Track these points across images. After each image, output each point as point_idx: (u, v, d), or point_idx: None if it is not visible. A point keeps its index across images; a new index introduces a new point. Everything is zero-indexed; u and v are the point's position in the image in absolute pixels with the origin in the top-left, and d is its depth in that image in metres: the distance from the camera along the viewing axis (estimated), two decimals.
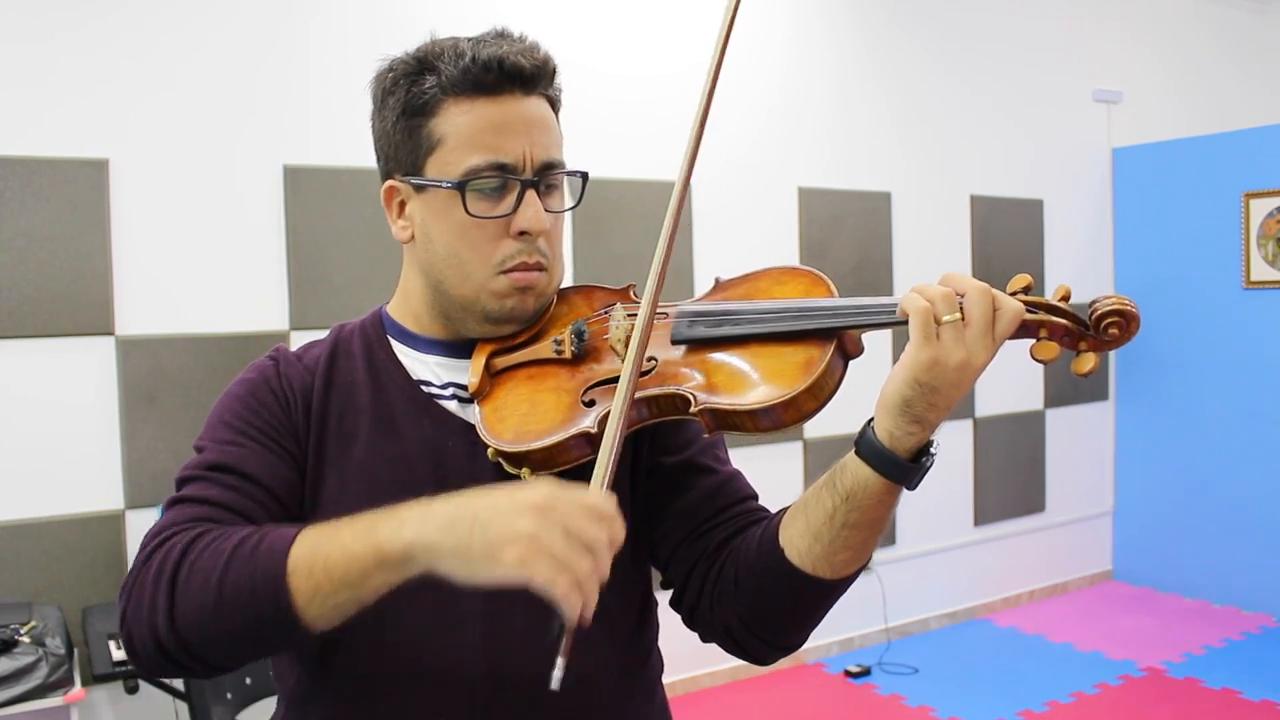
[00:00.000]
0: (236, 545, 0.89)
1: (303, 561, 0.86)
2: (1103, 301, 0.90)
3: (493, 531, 0.80)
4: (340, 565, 0.85)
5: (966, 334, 0.86)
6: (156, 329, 3.03)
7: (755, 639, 1.04)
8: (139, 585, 0.92)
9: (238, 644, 0.90)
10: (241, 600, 0.87)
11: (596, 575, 0.80)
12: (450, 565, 0.82)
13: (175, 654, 0.91)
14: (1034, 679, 4.06)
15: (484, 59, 1.01)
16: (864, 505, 0.92)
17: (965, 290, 0.88)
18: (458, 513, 0.83)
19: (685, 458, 1.11)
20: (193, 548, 0.91)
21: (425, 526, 0.83)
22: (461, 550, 0.81)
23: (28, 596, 2.78)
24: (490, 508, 0.82)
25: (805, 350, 0.96)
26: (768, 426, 0.95)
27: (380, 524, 0.86)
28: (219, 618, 0.88)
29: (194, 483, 1.01)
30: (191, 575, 0.89)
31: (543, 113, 1.05)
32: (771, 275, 1.07)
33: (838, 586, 0.99)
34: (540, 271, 1.06)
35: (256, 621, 0.88)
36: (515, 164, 1.02)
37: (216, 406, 1.08)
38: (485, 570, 0.81)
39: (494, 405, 1.05)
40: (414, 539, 0.83)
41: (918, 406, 0.88)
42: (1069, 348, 0.92)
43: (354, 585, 0.86)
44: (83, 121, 2.92)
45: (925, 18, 4.64)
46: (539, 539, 0.79)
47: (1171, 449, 5.13)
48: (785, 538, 0.98)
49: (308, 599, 0.86)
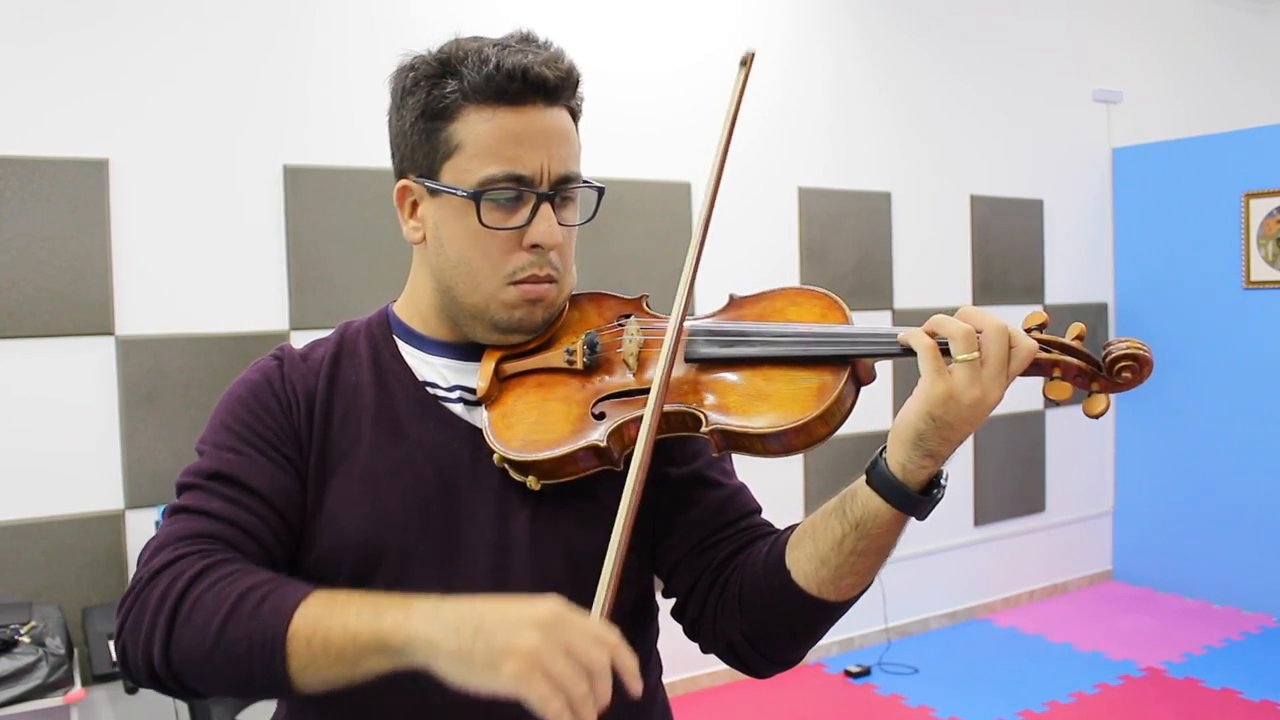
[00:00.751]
0: (241, 596, 0.90)
1: (303, 630, 0.87)
2: (1117, 345, 0.90)
3: (496, 642, 0.80)
4: (339, 642, 0.86)
5: (983, 372, 0.87)
6: (156, 329, 3.02)
7: (756, 654, 1.05)
8: (140, 606, 0.93)
9: (228, 688, 0.92)
10: (238, 654, 0.88)
11: (594, 700, 0.80)
12: (448, 667, 0.83)
13: (166, 682, 0.93)
14: (1034, 679, 4.06)
15: (508, 67, 1.00)
16: (873, 534, 0.93)
17: (983, 328, 0.88)
18: (464, 617, 0.83)
19: (693, 470, 1.11)
20: (197, 583, 0.91)
21: (430, 625, 0.84)
22: (462, 655, 0.82)
23: (28, 596, 2.78)
24: (497, 617, 0.82)
25: (819, 376, 0.96)
26: (777, 450, 0.96)
27: (386, 611, 0.86)
28: (213, 664, 0.89)
29: (194, 491, 1.01)
30: (193, 615, 0.90)
31: (563, 125, 1.04)
32: (787, 296, 1.06)
33: (841, 608, 1.00)
34: (550, 284, 1.05)
35: (249, 676, 0.88)
36: (532, 176, 1.02)
37: (219, 407, 1.08)
38: (482, 679, 0.81)
39: (502, 411, 1.05)
40: (417, 634, 0.84)
41: (931, 441, 0.88)
42: (1081, 388, 0.92)
43: (350, 664, 0.86)
44: (83, 121, 2.92)
45: (925, 18, 4.64)
46: (539, 656, 0.79)
47: (1171, 449, 5.13)
48: (792, 559, 0.99)
49: (302, 667, 0.87)
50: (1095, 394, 0.91)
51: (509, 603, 0.83)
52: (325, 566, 1.04)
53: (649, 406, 0.96)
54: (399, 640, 0.84)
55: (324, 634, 0.86)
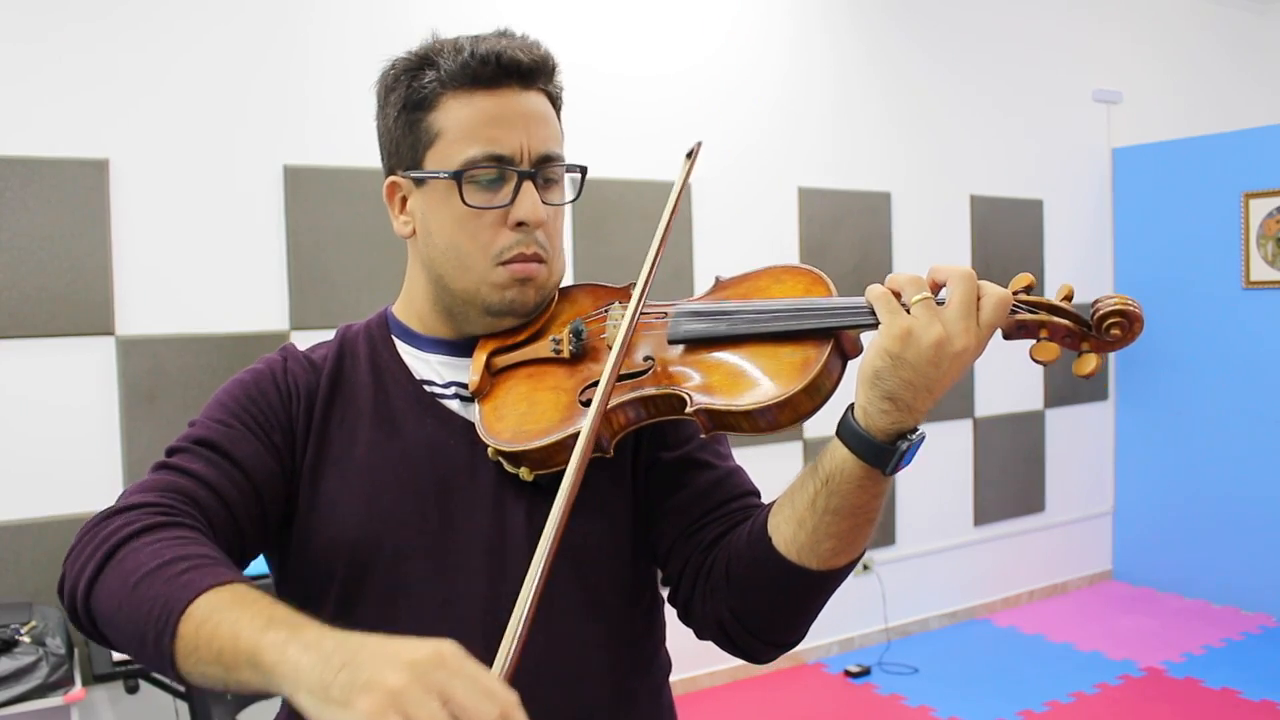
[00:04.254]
0: (169, 561, 0.87)
1: (199, 614, 0.83)
2: (1105, 301, 0.89)
3: (360, 676, 0.71)
4: (221, 641, 0.81)
5: (945, 312, 0.86)
6: (156, 329, 3.03)
7: (746, 633, 1.03)
8: (88, 539, 0.93)
9: (128, 647, 0.89)
10: (139, 614, 0.85)
11: None
12: (305, 701, 0.74)
13: (84, 623, 0.92)
14: (1034, 679, 4.06)
15: (482, 53, 1.02)
16: (843, 490, 0.91)
17: (947, 275, 0.88)
18: (342, 649, 0.75)
19: (684, 453, 1.11)
20: (143, 535, 0.90)
21: (305, 652, 0.76)
22: (321, 688, 0.73)
23: (28, 596, 2.78)
24: (375, 653, 0.73)
25: (802, 350, 0.95)
26: (764, 427, 0.95)
27: (277, 625, 0.79)
28: (120, 617, 0.88)
29: (180, 454, 1.02)
30: (124, 562, 0.89)
31: (541, 107, 1.06)
32: (771, 274, 1.06)
33: (825, 579, 0.98)
34: (539, 263, 1.06)
35: (139, 641, 0.86)
36: (512, 156, 1.03)
37: (219, 390, 1.09)
38: (334, 716, 0.71)
39: (493, 404, 1.05)
40: (286, 659, 0.76)
41: (889, 381, 0.87)
42: (1070, 348, 0.91)
43: (224, 668, 0.81)
44: (82, 121, 2.92)
45: (925, 18, 4.64)
46: (400, 697, 0.69)
47: (1171, 449, 5.13)
48: (772, 524, 0.98)
49: (186, 652, 0.83)
50: (1085, 354, 0.90)
51: (399, 641, 0.74)
52: (321, 563, 1.04)
53: (602, 378, 0.95)
54: (269, 660, 0.77)
55: (213, 626, 0.81)
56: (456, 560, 1.04)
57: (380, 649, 0.74)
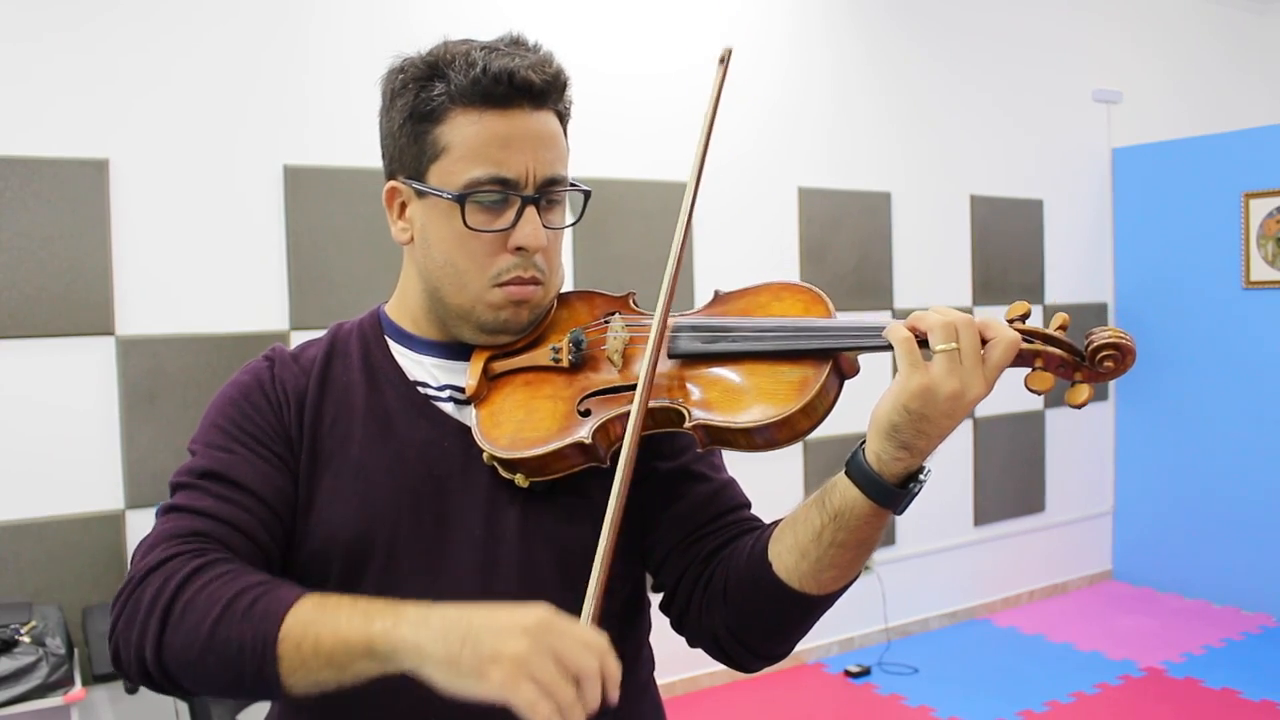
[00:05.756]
0: (233, 598, 0.90)
1: (294, 633, 0.87)
2: (1099, 333, 0.89)
3: (484, 648, 0.81)
4: (329, 646, 0.86)
5: (961, 367, 0.86)
6: (156, 329, 3.03)
7: (741, 647, 1.05)
8: (133, 605, 0.93)
9: (219, 688, 0.92)
10: (229, 656, 0.88)
11: (582, 707, 0.80)
12: (435, 673, 0.83)
13: (158, 680, 0.93)
14: (1034, 679, 4.06)
15: (495, 71, 1.00)
16: (851, 526, 0.93)
17: (957, 325, 0.88)
18: (453, 624, 0.84)
19: (680, 464, 1.11)
20: (190, 584, 0.92)
21: (418, 631, 0.84)
22: (450, 661, 0.82)
23: (28, 596, 2.78)
24: (486, 625, 0.83)
25: (801, 370, 0.95)
26: (761, 445, 0.96)
27: (376, 615, 0.87)
28: (205, 665, 0.90)
29: (186, 490, 1.01)
30: (185, 615, 0.90)
31: (550, 128, 1.05)
32: (771, 290, 1.06)
33: (823, 602, 1.00)
34: (536, 286, 1.06)
35: (239, 678, 0.89)
36: (517, 179, 1.02)
37: (210, 408, 1.09)
38: (470, 685, 0.81)
39: (490, 410, 1.06)
40: (405, 641, 0.84)
41: (905, 433, 0.88)
42: (1064, 378, 0.91)
43: (339, 668, 0.87)
44: (82, 121, 2.92)
45: (925, 18, 4.64)
46: (527, 663, 0.79)
47: (1171, 449, 5.13)
48: (774, 552, 0.99)
49: (292, 670, 0.87)
50: (1078, 384, 0.90)
51: (498, 610, 0.84)
52: (316, 564, 1.04)
53: (635, 404, 0.96)
54: (387, 646, 0.85)
55: (314, 638, 0.87)
56: (449, 561, 1.04)
57: (490, 620, 0.83)
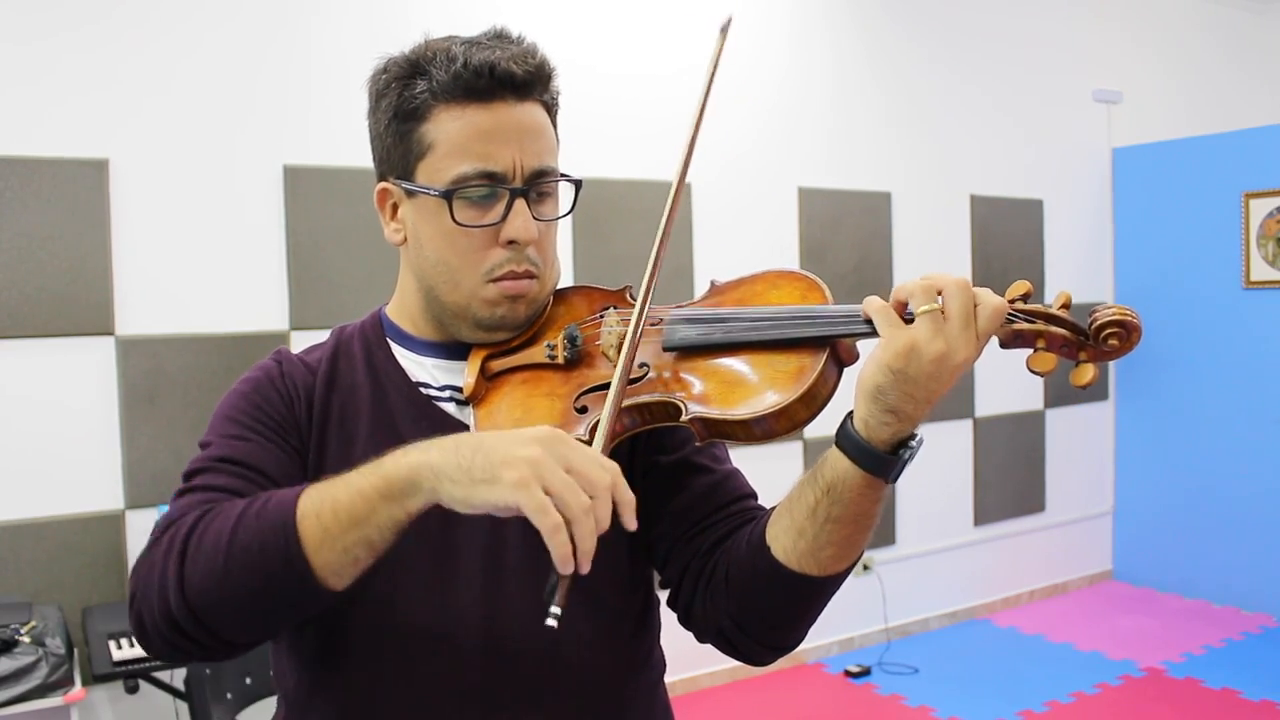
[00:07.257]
0: (245, 507, 0.90)
1: (311, 507, 0.87)
2: (1103, 311, 0.88)
3: (496, 455, 0.82)
4: (346, 502, 0.86)
5: (946, 327, 0.86)
6: (156, 329, 3.03)
7: (747, 638, 1.03)
8: (149, 562, 0.92)
9: (250, 607, 0.89)
10: (252, 556, 0.87)
11: (594, 520, 0.80)
12: (449, 488, 0.83)
13: (186, 625, 0.89)
14: (1034, 679, 4.06)
15: (475, 64, 0.99)
16: (845, 499, 0.91)
17: (943, 286, 0.87)
18: (464, 439, 0.85)
19: (681, 456, 1.11)
20: (202, 520, 0.91)
21: (429, 451, 0.85)
22: (463, 471, 0.82)
23: (28, 596, 2.78)
24: (500, 436, 0.84)
25: (798, 358, 0.94)
26: (760, 436, 0.94)
27: (383, 463, 0.87)
28: (230, 579, 0.87)
29: (201, 474, 1.01)
30: (202, 541, 0.89)
31: (535, 119, 1.04)
32: (766, 279, 1.05)
33: (825, 584, 0.98)
34: (530, 279, 1.05)
35: (266, 578, 0.87)
36: (505, 172, 1.01)
37: (221, 404, 1.08)
38: (484, 492, 0.81)
39: (488, 409, 1.05)
40: (418, 463, 0.85)
41: (891, 396, 0.87)
42: (1068, 358, 0.90)
43: (361, 522, 0.86)
44: (83, 121, 2.92)
45: (925, 18, 4.64)
46: (540, 464, 0.80)
47: (1171, 449, 5.13)
48: (771, 534, 0.98)
49: (318, 544, 0.86)
50: (1082, 364, 0.89)
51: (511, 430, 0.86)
52: None
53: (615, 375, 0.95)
54: (403, 476, 0.85)
55: (331, 502, 0.86)
56: (454, 562, 1.04)
57: (500, 434, 0.84)
